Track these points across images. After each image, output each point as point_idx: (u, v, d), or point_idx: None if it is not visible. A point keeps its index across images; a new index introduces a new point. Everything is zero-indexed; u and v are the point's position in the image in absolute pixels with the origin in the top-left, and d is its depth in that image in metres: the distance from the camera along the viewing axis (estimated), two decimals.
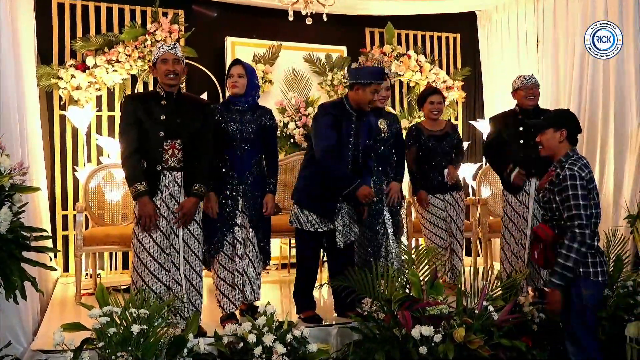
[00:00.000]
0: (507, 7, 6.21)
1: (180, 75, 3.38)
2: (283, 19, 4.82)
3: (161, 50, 3.35)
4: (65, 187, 5.21)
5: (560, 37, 5.52)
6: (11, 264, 2.67)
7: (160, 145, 3.27)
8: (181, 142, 3.30)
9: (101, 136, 5.24)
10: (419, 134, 4.44)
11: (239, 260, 3.52)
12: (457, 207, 4.49)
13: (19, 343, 3.07)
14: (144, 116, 3.27)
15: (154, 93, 3.45)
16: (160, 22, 5.32)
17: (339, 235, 3.63)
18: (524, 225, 4.17)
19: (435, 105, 4.45)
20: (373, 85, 3.58)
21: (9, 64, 3.36)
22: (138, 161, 3.24)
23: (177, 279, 3.30)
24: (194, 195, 3.30)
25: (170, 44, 3.40)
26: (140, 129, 3.26)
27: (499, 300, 3.50)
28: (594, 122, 5.05)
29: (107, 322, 2.78)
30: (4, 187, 2.65)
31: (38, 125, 4.54)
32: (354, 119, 3.65)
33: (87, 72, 5.08)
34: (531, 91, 4.20)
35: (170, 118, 3.30)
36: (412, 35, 6.43)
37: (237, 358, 2.96)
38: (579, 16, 5.26)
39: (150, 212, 3.19)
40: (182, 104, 3.38)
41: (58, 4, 5.19)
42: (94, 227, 4.74)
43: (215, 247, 3.52)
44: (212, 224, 3.51)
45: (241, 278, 3.52)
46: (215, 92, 5.52)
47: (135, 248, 3.29)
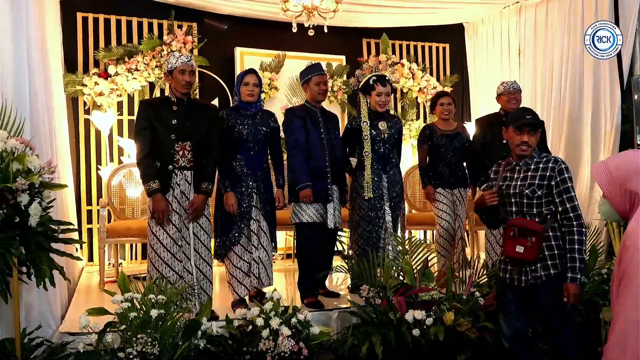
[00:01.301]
0: (492, 20, 6.20)
1: (192, 84, 3.40)
2: (287, 31, 4.81)
3: (179, 60, 3.35)
4: (90, 185, 5.21)
5: (540, 46, 5.52)
6: (41, 254, 2.68)
7: (172, 147, 3.29)
8: (191, 144, 3.33)
9: (122, 138, 5.25)
10: (432, 133, 4.39)
11: (255, 250, 3.54)
12: (463, 203, 4.43)
13: (48, 326, 3.08)
14: (157, 121, 3.29)
15: (166, 99, 3.45)
16: (175, 34, 5.32)
17: (330, 217, 3.70)
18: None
19: (445, 106, 4.41)
20: (313, 77, 3.78)
21: (39, 73, 3.37)
22: (151, 162, 3.27)
23: (188, 268, 3.33)
24: (203, 192, 3.34)
25: (187, 56, 3.40)
26: (154, 132, 3.29)
27: (485, 286, 3.51)
28: (572, 123, 5.04)
29: (128, 307, 2.79)
30: (34, 184, 2.66)
31: (65, 128, 4.54)
32: (319, 115, 3.78)
33: (109, 79, 5.08)
34: (513, 96, 4.20)
35: (181, 122, 3.31)
36: (405, 45, 6.41)
37: (247, 340, 2.96)
38: (558, 28, 5.26)
39: (163, 207, 3.23)
40: (192, 109, 3.39)
41: (82, 17, 5.19)
42: (116, 220, 4.75)
43: (232, 239, 3.53)
44: (229, 218, 3.52)
45: (257, 266, 3.55)
46: (225, 97, 5.51)
47: (150, 240, 3.32)
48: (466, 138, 4.48)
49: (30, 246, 2.64)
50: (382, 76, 3.98)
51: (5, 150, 2.64)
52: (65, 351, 2.86)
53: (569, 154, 4.99)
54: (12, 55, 3.02)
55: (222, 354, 2.94)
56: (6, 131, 2.73)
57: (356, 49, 6.23)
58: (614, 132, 4.61)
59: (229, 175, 3.53)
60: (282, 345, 2.83)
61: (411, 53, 6.40)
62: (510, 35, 5.96)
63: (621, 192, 1.81)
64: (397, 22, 6.09)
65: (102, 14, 5.25)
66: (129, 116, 5.30)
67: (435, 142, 4.36)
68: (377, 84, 3.90)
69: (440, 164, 4.39)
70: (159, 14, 5.35)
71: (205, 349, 2.92)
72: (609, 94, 4.68)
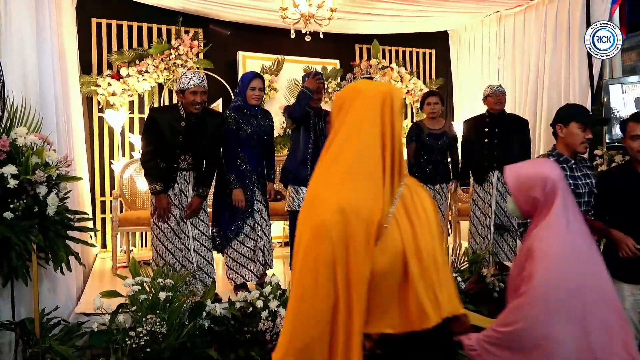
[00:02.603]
0: (474, 28, 6.20)
1: (204, 103, 3.34)
2: (286, 37, 4.80)
3: (192, 82, 3.24)
4: (103, 178, 5.19)
5: (518, 52, 5.52)
6: (58, 241, 2.69)
7: (176, 157, 3.31)
8: (192, 154, 3.34)
9: (133, 135, 5.22)
10: (419, 132, 4.33)
11: (259, 239, 3.56)
12: (443, 197, 4.38)
13: (65, 307, 3.08)
14: (164, 132, 3.27)
15: (176, 112, 3.34)
16: (182, 38, 5.29)
17: None
18: (489, 210, 4.18)
19: (431, 105, 4.32)
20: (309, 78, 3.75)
21: (57, 74, 3.36)
22: (156, 164, 3.28)
23: (189, 257, 3.35)
24: (200, 196, 3.37)
25: (199, 76, 3.29)
26: (160, 139, 3.27)
27: (466, 272, 3.52)
28: (547, 124, 5.04)
29: (139, 290, 2.80)
30: (52, 176, 2.65)
31: (81, 125, 4.52)
32: (311, 116, 3.75)
33: (121, 80, 5.05)
34: (498, 98, 4.19)
35: (186, 139, 3.30)
36: (394, 51, 6.40)
37: (248, 320, 2.97)
38: (534, 35, 5.26)
39: (165, 205, 3.26)
40: (199, 125, 3.34)
41: (97, 23, 5.15)
42: (127, 210, 4.73)
43: (236, 229, 3.53)
44: (231, 212, 3.51)
45: (262, 254, 3.57)
46: (228, 97, 5.49)
47: (153, 231, 3.35)
48: (452, 136, 4.39)
49: (48, 234, 2.64)
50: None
51: (25, 145, 2.64)
52: (80, 330, 2.87)
53: (543, 151, 5.01)
54: (34, 59, 3.01)
55: (225, 333, 2.95)
56: (26, 127, 2.72)
57: (349, 53, 6.21)
58: None
59: (235, 171, 3.50)
60: (279, 325, 2.84)
61: (400, 58, 6.39)
62: (491, 42, 5.95)
63: (526, 197, 1.82)
64: (387, 29, 6.08)
65: (115, 19, 5.20)
66: (140, 115, 5.27)
67: (422, 140, 4.32)
68: None
69: (426, 161, 4.35)
70: (167, 20, 5.32)
71: (210, 328, 2.93)
72: (580, 96, 4.68)
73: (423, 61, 6.56)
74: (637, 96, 4.11)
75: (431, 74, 6.59)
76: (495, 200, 4.15)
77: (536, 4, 5.23)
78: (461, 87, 6.47)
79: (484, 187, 4.22)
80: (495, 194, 4.15)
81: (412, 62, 6.49)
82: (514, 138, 4.18)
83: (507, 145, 4.13)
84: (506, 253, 4.16)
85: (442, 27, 6.39)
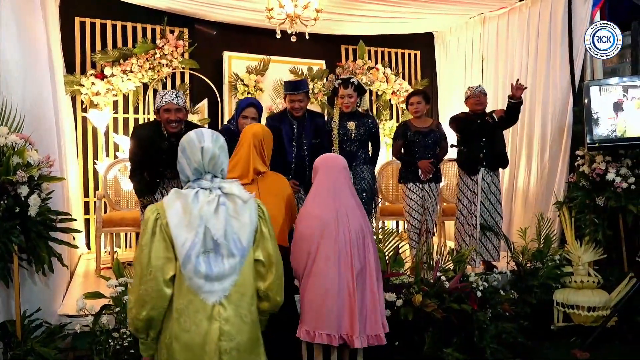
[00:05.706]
0: (459, 30, 6.25)
1: (182, 120, 3.30)
2: (272, 37, 4.79)
3: (164, 99, 3.21)
4: (87, 178, 5.13)
5: (501, 54, 5.58)
6: (40, 242, 2.66)
7: (160, 172, 3.42)
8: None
9: (117, 135, 5.17)
10: (405, 130, 4.28)
11: None
12: (432, 197, 4.29)
13: (48, 309, 3.03)
14: (148, 150, 3.34)
15: (159, 132, 3.35)
16: (167, 38, 5.25)
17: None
18: (474, 209, 4.20)
19: (414, 105, 4.27)
20: (287, 95, 3.73)
21: (45, 74, 3.33)
22: (142, 178, 3.37)
23: None
24: None
25: (172, 94, 3.25)
26: (146, 155, 3.34)
27: (450, 271, 3.54)
28: (530, 124, 5.11)
29: (123, 291, 2.77)
30: (33, 176, 2.62)
31: (69, 125, 4.48)
32: (294, 124, 3.73)
33: (105, 80, 5.00)
34: (479, 99, 4.20)
35: (170, 158, 3.25)
36: (380, 52, 6.42)
37: None
38: (517, 37, 5.32)
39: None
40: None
41: (80, 22, 5.09)
42: (111, 211, 4.69)
43: None
44: None
45: None
46: (214, 98, 5.47)
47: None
48: (440, 134, 4.32)
49: (30, 235, 2.61)
50: (347, 79, 3.92)
51: (6, 145, 2.60)
52: (63, 332, 2.84)
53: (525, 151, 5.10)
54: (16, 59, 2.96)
55: None
56: (7, 127, 2.68)
57: (335, 54, 6.22)
58: (567, 131, 4.68)
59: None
60: None
61: (385, 59, 6.42)
62: (475, 43, 6.01)
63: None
64: (373, 31, 6.10)
65: (99, 18, 5.15)
66: (124, 114, 5.23)
67: (409, 138, 4.29)
68: (341, 87, 3.90)
69: (413, 160, 4.29)
70: (152, 19, 5.28)
71: None
72: (562, 98, 4.74)
73: (409, 62, 6.60)
74: (615, 101, 4.13)
75: (416, 75, 6.63)
76: (480, 200, 4.18)
77: (519, 6, 5.30)
78: (446, 88, 6.51)
79: (469, 186, 4.21)
80: (480, 193, 4.18)
81: (397, 63, 6.52)
82: (496, 137, 4.22)
83: (492, 143, 4.17)
84: (490, 252, 4.19)
85: (427, 28, 6.43)
